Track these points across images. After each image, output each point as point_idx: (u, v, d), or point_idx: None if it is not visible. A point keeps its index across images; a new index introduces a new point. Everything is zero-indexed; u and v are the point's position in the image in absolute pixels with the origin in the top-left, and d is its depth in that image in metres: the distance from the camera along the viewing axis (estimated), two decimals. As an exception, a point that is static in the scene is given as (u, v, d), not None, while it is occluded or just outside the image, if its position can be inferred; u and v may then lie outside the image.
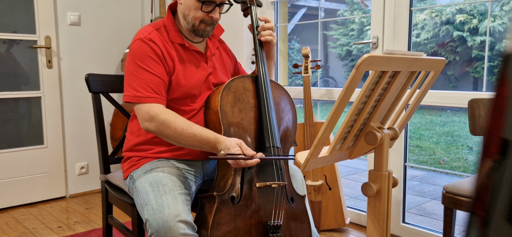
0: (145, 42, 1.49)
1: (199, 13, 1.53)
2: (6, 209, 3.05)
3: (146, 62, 1.47)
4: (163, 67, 1.50)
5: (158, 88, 1.47)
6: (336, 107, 0.98)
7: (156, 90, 1.46)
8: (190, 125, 1.42)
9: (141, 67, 1.47)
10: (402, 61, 1.05)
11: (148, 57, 1.47)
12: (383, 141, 1.13)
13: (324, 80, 11.15)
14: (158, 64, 1.48)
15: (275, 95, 1.63)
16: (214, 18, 1.55)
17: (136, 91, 1.46)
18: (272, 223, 1.46)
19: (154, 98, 1.45)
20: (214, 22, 1.58)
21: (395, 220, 2.47)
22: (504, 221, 0.37)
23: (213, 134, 1.41)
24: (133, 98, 1.46)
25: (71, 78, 3.25)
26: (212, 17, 1.55)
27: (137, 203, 1.49)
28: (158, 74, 1.47)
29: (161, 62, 1.49)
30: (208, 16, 1.54)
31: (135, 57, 1.48)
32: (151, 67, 1.47)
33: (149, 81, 1.46)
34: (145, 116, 1.44)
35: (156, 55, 1.48)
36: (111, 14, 3.42)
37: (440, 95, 2.18)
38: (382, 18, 2.34)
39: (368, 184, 1.16)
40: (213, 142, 1.40)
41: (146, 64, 1.47)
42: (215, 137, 1.40)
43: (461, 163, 5.25)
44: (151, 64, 1.47)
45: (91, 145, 3.39)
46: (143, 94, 1.45)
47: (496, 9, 8.54)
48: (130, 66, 1.49)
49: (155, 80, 1.46)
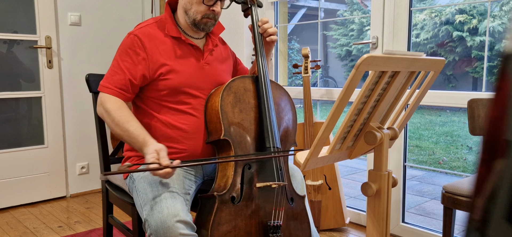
0: (130, 37, 1.55)
1: (202, 6, 1.56)
2: (6, 209, 3.06)
3: (122, 56, 1.55)
4: (137, 65, 1.53)
5: (121, 84, 1.53)
6: (336, 107, 0.98)
7: (119, 86, 1.53)
8: (128, 120, 1.47)
9: (116, 60, 1.56)
10: (401, 61, 1.05)
11: (126, 53, 1.54)
12: (383, 141, 1.14)
13: (324, 80, 11.15)
14: (132, 61, 1.53)
15: (275, 95, 1.64)
16: (216, 11, 1.58)
17: (103, 81, 1.55)
18: (272, 223, 1.46)
19: (112, 91, 1.53)
20: (216, 16, 1.60)
21: (394, 220, 2.47)
22: (503, 221, 0.37)
23: (144, 136, 1.43)
24: (100, 87, 1.56)
25: (71, 78, 3.25)
26: (214, 10, 1.57)
27: (136, 203, 1.49)
28: (128, 71, 1.53)
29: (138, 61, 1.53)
30: (210, 10, 1.57)
31: (119, 49, 1.58)
32: (123, 62, 1.54)
33: (115, 74, 1.54)
34: (98, 101, 1.54)
35: (135, 53, 1.53)
36: (112, 14, 3.43)
37: (439, 95, 2.19)
38: (382, 18, 2.35)
39: (367, 184, 1.16)
40: (141, 143, 1.43)
41: (121, 58, 1.55)
42: (144, 139, 1.42)
43: (461, 163, 5.25)
44: (125, 59, 1.54)
45: (91, 145, 3.39)
46: (105, 85, 1.54)
47: (495, 9, 8.55)
48: (115, 55, 1.59)
49: (122, 77, 1.53)
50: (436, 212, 3.17)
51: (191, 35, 1.64)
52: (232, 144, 1.48)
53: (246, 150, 1.50)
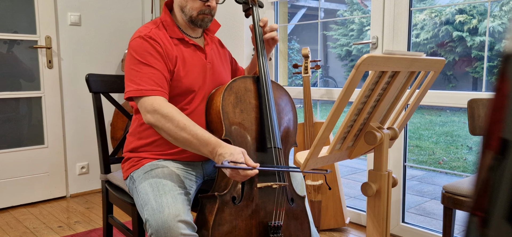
0: (145, 40, 1.49)
1: (197, 3, 1.55)
2: (6, 209, 3.06)
3: (146, 58, 1.47)
4: (164, 63, 1.50)
5: (160, 82, 1.46)
6: (336, 107, 0.99)
7: (159, 83, 1.46)
8: (193, 124, 1.40)
9: (142, 62, 1.46)
10: (401, 61, 1.05)
11: (148, 54, 1.48)
12: (383, 141, 1.14)
13: (324, 80, 11.15)
14: (158, 61, 1.48)
15: (276, 95, 1.64)
16: (212, 6, 1.58)
17: (139, 85, 1.44)
18: (272, 223, 1.46)
19: (157, 91, 1.44)
20: (212, 11, 1.59)
21: (394, 220, 2.47)
22: (503, 220, 0.37)
23: (215, 137, 1.39)
24: (136, 92, 1.44)
25: (71, 78, 3.25)
26: (209, 6, 1.57)
27: (137, 203, 1.49)
28: (159, 69, 1.47)
29: (162, 59, 1.50)
30: (206, 6, 1.56)
31: (135, 53, 1.48)
32: (151, 62, 1.47)
33: (151, 74, 1.45)
34: (149, 108, 1.41)
35: (157, 52, 1.49)
36: (112, 14, 3.43)
37: (439, 95, 2.19)
38: (382, 18, 2.35)
39: (367, 184, 1.16)
40: (213, 145, 1.36)
41: (146, 59, 1.47)
42: (216, 140, 1.37)
43: (461, 163, 5.25)
44: (152, 60, 1.47)
45: (91, 145, 3.39)
46: (146, 87, 1.44)
47: (495, 9, 8.55)
48: (131, 63, 1.49)
49: (157, 74, 1.46)
50: (436, 212, 3.17)
51: (190, 34, 1.64)
52: (233, 144, 1.48)
53: (247, 150, 1.50)
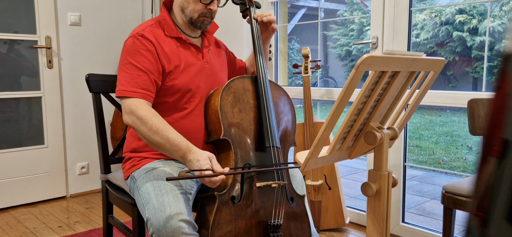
0: (137, 38, 1.51)
1: (198, 5, 1.57)
2: (6, 209, 3.06)
3: (136, 58, 1.49)
4: (154, 63, 1.51)
5: (144, 84, 1.48)
6: (336, 107, 0.99)
7: (142, 86, 1.48)
8: (167, 128, 1.40)
9: (130, 63, 1.49)
10: (401, 61, 1.05)
11: (139, 53, 1.50)
12: (383, 141, 1.14)
13: (324, 80, 11.15)
14: (148, 60, 1.50)
15: (275, 95, 1.64)
16: (213, 10, 1.59)
17: (123, 86, 1.48)
18: (272, 222, 1.46)
19: (138, 93, 1.46)
20: (212, 14, 1.61)
21: (394, 220, 2.47)
22: (503, 221, 0.37)
23: (186, 142, 1.38)
24: (119, 93, 1.48)
25: (71, 78, 3.25)
26: (210, 9, 1.58)
27: (138, 203, 1.49)
28: (147, 70, 1.49)
29: (153, 58, 1.51)
30: (207, 9, 1.58)
31: (126, 53, 1.51)
32: (140, 63, 1.49)
33: (136, 76, 1.48)
34: (127, 109, 1.45)
35: (148, 51, 1.50)
36: (111, 14, 3.43)
37: (439, 95, 2.19)
38: (382, 18, 2.35)
39: (367, 184, 1.16)
40: (183, 150, 1.37)
41: (136, 60, 1.49)
42: (187, 145, 1.37)
43: (461, 163, 5.25)
44: (141, 60, 1.49)
45: (91, 145, 3.39)
46: (128, 89, 1.47)
47: (495, 9, 8.55)
48: (121, 62, 1.53)
49: (143, 76, 1.48)
50: (436, 212, 3.17)
51: (189, 34, 1.64)
52: (232, 144, 1.48)
53: (245, 150, 1.50)
